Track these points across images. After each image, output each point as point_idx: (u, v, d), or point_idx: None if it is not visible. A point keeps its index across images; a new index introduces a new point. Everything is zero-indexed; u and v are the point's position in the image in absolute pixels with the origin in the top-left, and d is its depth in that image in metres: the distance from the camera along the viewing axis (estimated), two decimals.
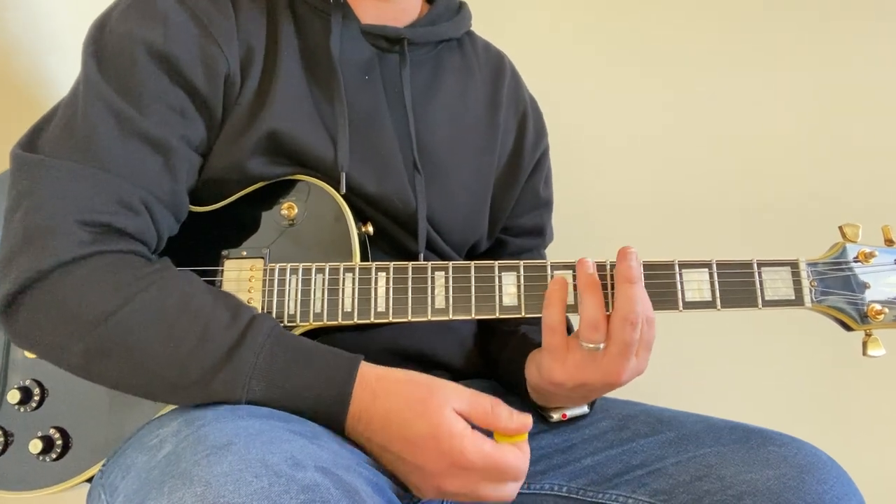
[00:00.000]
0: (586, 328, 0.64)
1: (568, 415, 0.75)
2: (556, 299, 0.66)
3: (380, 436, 0.59)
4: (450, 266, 0.70)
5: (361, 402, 0.60)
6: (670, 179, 1.33)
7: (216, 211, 0.74)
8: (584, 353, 0.64)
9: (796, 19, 1.31)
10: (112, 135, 0.65)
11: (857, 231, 0.71)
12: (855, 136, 1.29)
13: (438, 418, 0.58)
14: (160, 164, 0.66)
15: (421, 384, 0.61)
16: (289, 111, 0.73)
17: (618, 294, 0.64)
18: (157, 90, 0.67)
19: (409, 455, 0.59)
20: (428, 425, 0.58)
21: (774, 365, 1.27)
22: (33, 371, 0.72)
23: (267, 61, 0.74)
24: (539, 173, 0.93)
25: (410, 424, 0.59)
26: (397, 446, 0.59)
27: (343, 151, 0.74)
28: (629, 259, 0.65)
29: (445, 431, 0.58)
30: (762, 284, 0.67)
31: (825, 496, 0.62)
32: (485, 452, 0.58)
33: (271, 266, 0.70)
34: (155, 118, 0.66)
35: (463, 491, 0.59)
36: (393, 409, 0.59)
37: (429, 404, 0.59)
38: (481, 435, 0.59)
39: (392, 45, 0.81)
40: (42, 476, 0.69)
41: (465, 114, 0.85)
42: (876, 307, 0.68)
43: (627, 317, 0.62)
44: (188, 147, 0.69)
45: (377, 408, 0.59)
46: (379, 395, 0.60)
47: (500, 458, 0.58)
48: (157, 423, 0.57)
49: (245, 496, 0.44)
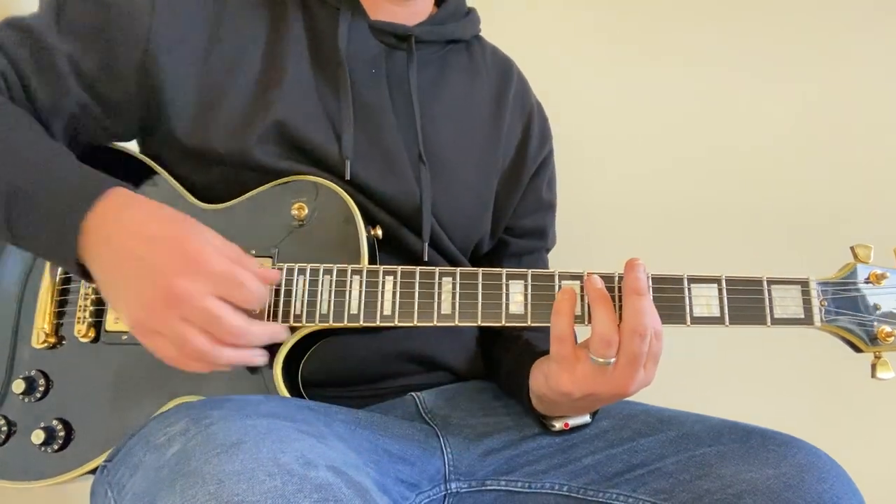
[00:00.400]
0: (598, 343, 0.63)
1: (570, 424, 0.74)
2: (564, 309, 0.65)
3: (125, 232, 0.59)
4: (457, 272, 0.70)
5: (120, 198, 0.61)
6: (675, 184, 1.33)
7: (227, 209, 0.74)
8: (593, 366, 0.63)
9: (803, 20, 1.31)
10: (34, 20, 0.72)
11: (870, 252, 0.70)
12: (866, 145, 1.29)
13: (192, 227, 0.61)
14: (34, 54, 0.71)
15: (177, 210, 0.63)
16: (295, 102, 0.74)
17: (626, 306, 0.63)
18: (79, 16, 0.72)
19: (147, 252, 0.59)
20: (179, 229, 0.60)
21: (775, 365, 1.27)
22: (39, 362, 0.72)
23: (272, 50, 0.76)
24: (542, 176, 0.94)
25: (162, 225, 0.60)
26: (140, 246, 0.59)
27: (348, 143, 0.75)
28: (637, 271, 0.64)
29: (195, 237, 0.60)
30: (772, 302, 0.67)
31: (825, 495, 0.62)
32: (225, 261, 0.59)
33: (279, 265, 0.71)
34: (64, 34, 0.71)
35: (187, 310, 0.58)
36: (150, 213, 0.61)
37: (185, 219, 0.62)
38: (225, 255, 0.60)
39: (400, 41, 0.82)
40: (43, 467, 0.69)
41: (470, 113, 0.86)
42: (886, 329, 0.67)
43: (636, 329, 0.62)
44: (72, 68, 0.71)
45: (134, 210, 0.61)
46: (139, 202, 0.62)
47: (239, 271, 0.59)
48: (163, 421, 0.57)
49: (259, 494, 0.44)
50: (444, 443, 0.75)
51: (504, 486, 0.73)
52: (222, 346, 0.60)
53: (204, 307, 0.58)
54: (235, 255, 0.62)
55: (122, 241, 0.60)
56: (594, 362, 0.63)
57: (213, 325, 0.58)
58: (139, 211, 0.61)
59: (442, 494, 0.73)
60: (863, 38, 1.32)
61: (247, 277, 0.60)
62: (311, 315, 0.69)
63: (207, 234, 0.62)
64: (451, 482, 0.73)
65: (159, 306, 0.58)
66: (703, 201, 1.32)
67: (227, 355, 0.60)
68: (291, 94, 0.75)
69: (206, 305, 0.58)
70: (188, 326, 0.58)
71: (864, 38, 1.31)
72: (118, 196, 0.62)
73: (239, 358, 0.61)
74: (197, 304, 0.58)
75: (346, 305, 0.69)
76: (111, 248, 0.60)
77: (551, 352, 0.66)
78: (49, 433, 0.69)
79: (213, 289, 0.58)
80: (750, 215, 1.28)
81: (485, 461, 0.74)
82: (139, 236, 0.59)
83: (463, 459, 0.74)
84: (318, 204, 0.73)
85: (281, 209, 0.73)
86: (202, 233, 0.61)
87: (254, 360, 0.63)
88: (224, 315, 0.59)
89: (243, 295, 0.60)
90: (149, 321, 0.59)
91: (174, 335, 0.58)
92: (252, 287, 0.60)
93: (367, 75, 0.80)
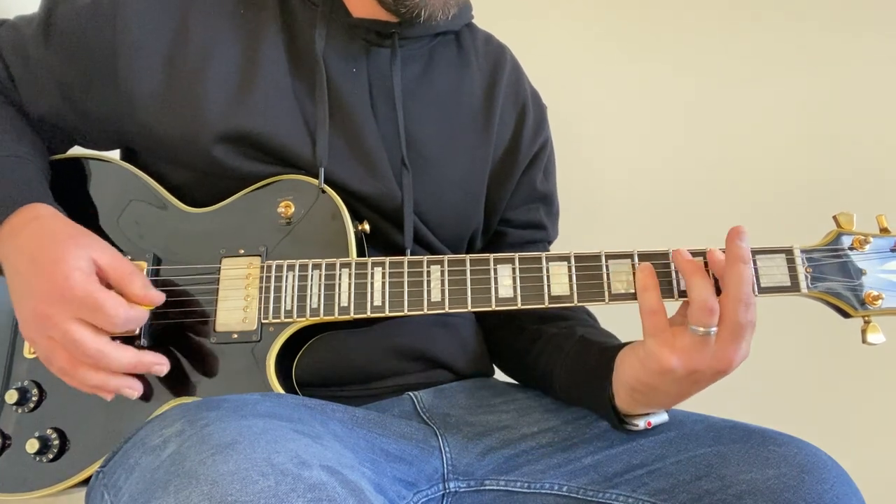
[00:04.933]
0: (700, 311, 0.61)
1: (652, 423, 0.71)
2: (651, 283, 0.64)
3: (16, 250, 0.65)
4: (445, 260, 0.70)
5: (26, 215, 0.66)
6: (665, 170, 1.35)
7: (214, 211, 0.75)
8: (693, 337, 0.61)
9: (800, 17, 1.33)
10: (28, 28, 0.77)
11: (852, 219, 0.71)
12: (848, 128, 1.30)
13: (71, 252, 0.63)
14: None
15: (81, 228, 0.67)
16: (268, 106, 0.75)
17: (729, 274, 0.61)
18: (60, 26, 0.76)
19: (27, 271, 0.64)
20: (58, 252, 0.63)
21: (774, 364, 1.26)
22: (33, 373, 0.72)
23: (248, 50, 0.76)
24: (537, 166, 0.92)
25: (46, 248, 0.64)
26: (23, 264, 0.64)
27: (322, 146, 0.75)
28: (742, 238, 0.62)
29: (69, 261, 0.62)
30: (757, 272, 0.67)
31: (825, 495, 0.61)
32: (89, 286, 0.62)
33: (268, 263, 0.71)
34: (49, 45, 0.76)
35: (50, 330, 0.62)
36: (44, 233, 0.65)
37: (75, 240, 0.65)
38: (96, 278, 0.63)
39: (383, 39, 0.81)
40: (38, 477, 0.69)
41: (458, 108, 0.85)
42: (873, 293, 0.67)
43: (740, 297, 0.60)
44: (53, 77, 0.77)
45: (32, 228, 0.66)
46: (42, 221, 0.66)
47: (100, 296, 0.62)
48: (158, 424, 0.57)
49: (252, 495, 0.44)
50: (442, 442, 0.74)
51: (503, 486, 0.72)
52: (83, 367, 0.63)
53: (64, 330, 0.62)
54: (118, 275, 0.65)
55: (14, 257, 0.66)
56: (694, 332, 0.61)
57: (71, 347, 0.62)
58: (37, 230, 0.66)
59: (440, 494, 0.72)
60: (863, 37, 1.34)
61: (108, 303, 0.62)
62: (302, 310, 0.69)
63: (92, 253, 0.64)
64: (450, 482, 0.72)
65: (34, 323, 0.64)
66: (692, 188, 1.33)
67: (86, 377, 0.63)
68: (266, 97, 0.75)
69: (66, 328, 0.62)
70: (54, 344, 0.63)
71: (865, 38, 1.33)
72: (29, 211, 0.67)
73: (101, 381, 0.64)
74: (59, 326, 0.62)
75: (337, 299, 0.69)
76: (7, 262, 0.67)
77: (646, 328, 0.64)
78: (43, 442, 0.68)
79: (75, 312, 0.62)
80: (743, 205, 1.29)
81: (483, 460, 0.73)
82: (25, 255, 0.65)
83: (461, 458, 0.73)
84: (306, 202, 0.73)
85: (267, 208, 0.73)
86: (81, 255, 0.64)
87: (120, 388, 0.65)
88: (80, 338, 0.62)
89: (102, 319, 0.62)
90: (27, 331, 0.65)
91: (43, 349, 0.64)
92: (111, 312, 0.62)
93: (347, 75, 0.79)
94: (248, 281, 0.71)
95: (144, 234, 0.74)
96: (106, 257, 0.65)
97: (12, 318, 0.73)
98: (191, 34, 0.76)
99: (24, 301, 0.64)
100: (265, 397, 0.63)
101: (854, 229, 0.70)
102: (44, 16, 0.77)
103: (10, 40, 0.77)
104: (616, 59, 1.40)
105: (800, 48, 1.34)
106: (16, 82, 0.77)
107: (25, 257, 0.64)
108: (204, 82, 0.74)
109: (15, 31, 0.78)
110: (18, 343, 0.73)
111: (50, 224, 0.67)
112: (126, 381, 0.66)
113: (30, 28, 0.77)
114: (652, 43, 1.40)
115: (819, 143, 1.33)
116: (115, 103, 0.75)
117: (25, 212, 0.67)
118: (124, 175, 0.78)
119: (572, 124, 1.14)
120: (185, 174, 0.76)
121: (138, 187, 0.77)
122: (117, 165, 0.79)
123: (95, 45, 0.75)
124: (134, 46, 0.74)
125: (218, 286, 0.71)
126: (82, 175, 0.78)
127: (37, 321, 0.63)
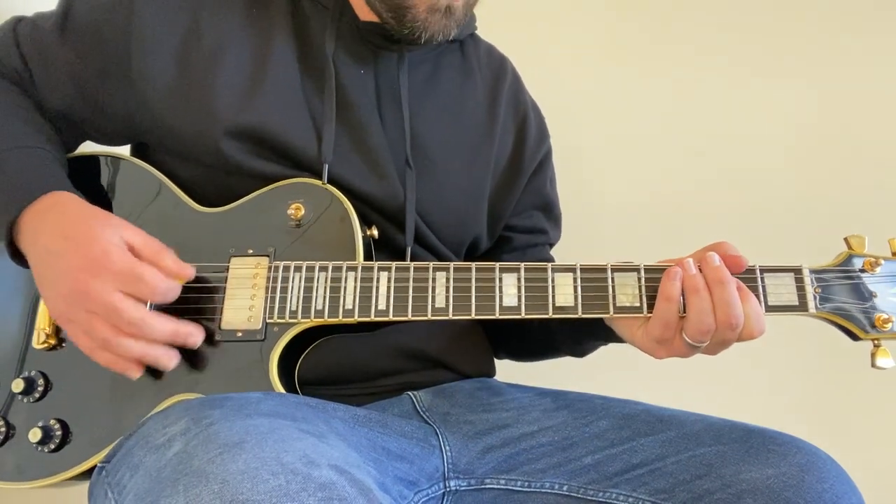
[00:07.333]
0: (698, 332, 0.65)
1: None
2: (675, 296, 0.66)
3: (47, 231, 0.67)
4: (451, 266, 0.70)
5: (49, 201, 0.69)
6: (670, 180, 1.34)
7: (225, 212, 0.76)
8: (687, 344, 0.66)
9: (800, 20, 1.33)
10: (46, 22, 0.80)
11: (863, 242, 0.70)
12: (858, 140, 1.30)
13: (104, 230, 0.66)
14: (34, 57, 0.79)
15: (105, 211, 0.70)
16: (277, 103, 0.76)
17: (717, 297, 0.64)
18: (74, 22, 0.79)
19: (62, 249, 0.65)
20: (91, 229, 0.66)
21: (774, 364, 1.26)
22: (40, 363, 0.73)
23: (258, 48, 0.78)
24: (543, 174, 0.94)
25: (79, 227, 0.66)
26: (57, 243, 0.66)
27: (327, 145, 0.76)
28: (716, 259, 0.66)
29: (104, 237, 0.65)
30: (765, 290, 0.67)
31: (825, 495, 0.62)
32: (129, 259, 0.65)
33: (276, 264, 0.72)
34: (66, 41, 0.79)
35: (90, 303, 0.64)
36: (72, 214, 0.68)
37: (105, 220, 0.68)
38: (130, 254, 0.66)
39: (391, 43, 0.83)
40: (39, 467, 0.69)
41: (462, 113, 0.87)
42: (884, 316, 0.67)
43: (729, 321, 0.64)
44: (70, 71, 0.79)
45: (59, 211, 0.68)
46: (67, 204, 0.69)
47: (140, 268, 0.64)
48: (161, 421, 0.57)
49: (262, 493, 0.44)
50: (442, 441, 0.74)
51: (504, 485, 0.72)
52: (125, 336, 0.65)
53: (106, 301, 0.64)
54: (151, 251, 0.67)
55: (44, 238, 0.67)
56: (688, 343, 0.66)
57: (114, 317, 0.64)
58: (63, 212, 0.68)
59: (441, 493, 0.72)
60: (862, 37, 1.34)
61: (147, 273, 0.65)
62: (307, 311, 0.70)
63: (123, 232, 0.67)
64: (451, 480, 0.72)
65: (71, 299, 0.65)
66: (698, 199, 1.33)
67: (128, 345, 0.65)
68: (275, 94, 0.77)
69: (108, 299, 0.64)
70: (95, 318, 0.65)
71: (864, 38, 1.33)
72: (51, 198, 0.69)
73: (142, 351, 0.65)
74: (100, 298, 0.64)
75: (342, 301, 0.70)
76: (37, 245, 0.68)
77: (656, 334, 0.67)
78: (46, 432, 0.69)
79: (117, 285, 0.64)
80: (750, 216, 1.29)
81: (484, 458, 0.73)
82: (57, 234, 0.67)
83: (462, 457, 0.73)
84: (316, 205, 0.74)
85: (278, 210, 0.74)
86: (114, 233, 0.66)
87: (159, 358, 0.67)
88: (123, 307, 0.64)
89: (144, 289, 0.65)
90: (65, 311, 0.66)
91: (84, 325, 0.65)
92: (151, 282, 0.65)
93: (355, 76, 0.81)
94: (255, 280, 0.72)
95: (156, 231, 0.75)
96: (138, 237, 0.68)
97: (29, 307, 0.75)
98: (203, 31, 0.78)
99: (60, 279, 0.66)
100: (267, 396, 0.63)
101: (865, 252, 0.70)
102: (62, 11, 0.79)
103: (29, 35, 0.80)
104: (618, 66, 1.40)
105: (804, 54, 1.34)
106: (34, 76, 0.79)
107: (58, 236, 0.66)
108: (215, 78, 0.76)
109: (33, 27, 0.80)
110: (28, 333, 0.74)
111: (75, 207, 0.69)
112: (166, 350, 0.67)
113: (48, 23, 0.80)
114: (654, 51, 1.40)
115: (825, 149, 1.32)
116: (129, 97, 0.77)
117: (48, 198, 0.69)
118: (139, 172, 0.79)
119: (572, 131, 1.14)
120: (194, 170, 0.78)
121: (152, 184, 0.78)
122: (131, 162, 0.80)
123: (110, 40, 0.77)
124: (148, 42, 0.76)
125: (226, 285, 0.72)
126: (97, 172, 0.80)
127: (75, 296, 0.64)
